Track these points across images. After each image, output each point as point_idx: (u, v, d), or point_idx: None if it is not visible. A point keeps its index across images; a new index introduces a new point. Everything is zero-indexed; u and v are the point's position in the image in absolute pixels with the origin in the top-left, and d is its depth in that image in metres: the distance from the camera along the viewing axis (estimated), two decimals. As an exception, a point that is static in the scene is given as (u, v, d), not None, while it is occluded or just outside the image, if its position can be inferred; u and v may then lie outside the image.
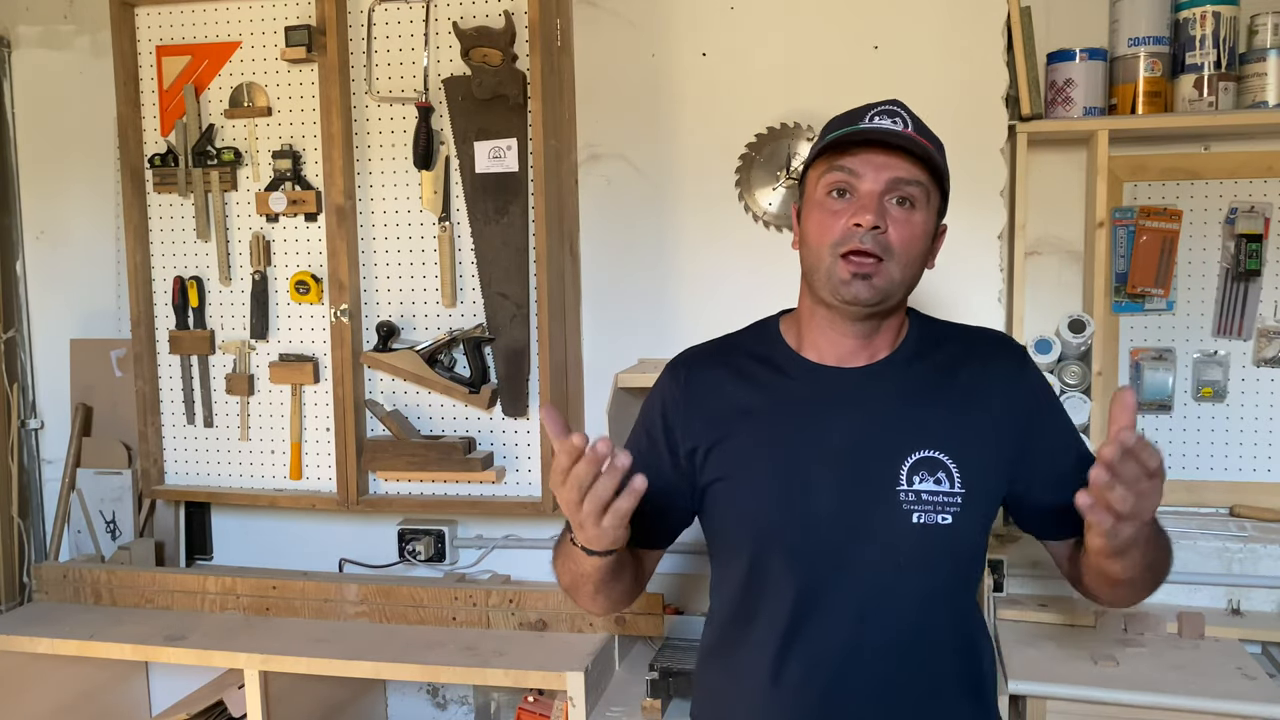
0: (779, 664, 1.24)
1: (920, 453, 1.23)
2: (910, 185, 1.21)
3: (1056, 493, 1.22)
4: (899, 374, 1.29)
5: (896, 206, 1.21)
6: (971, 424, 1.26)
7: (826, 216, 1.22)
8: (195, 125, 2.28)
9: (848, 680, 1.22)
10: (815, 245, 1.24)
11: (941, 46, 2.06)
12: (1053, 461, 1.28)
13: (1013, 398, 1.29)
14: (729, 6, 2.15)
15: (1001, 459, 1.26)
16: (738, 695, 1.29)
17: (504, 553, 2.37)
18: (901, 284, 1.24)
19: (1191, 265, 2.18)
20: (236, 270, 2.31)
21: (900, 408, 1.26)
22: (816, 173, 1.26)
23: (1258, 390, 2.17)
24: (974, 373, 1.29)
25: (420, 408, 2.24)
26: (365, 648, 2.01)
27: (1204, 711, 1.70)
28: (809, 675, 1.23)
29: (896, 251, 1.21)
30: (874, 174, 1.20)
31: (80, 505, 2.51)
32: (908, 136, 1.21)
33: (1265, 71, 2.03)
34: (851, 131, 1.21)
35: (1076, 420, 2.06)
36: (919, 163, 1.21)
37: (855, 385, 1.28)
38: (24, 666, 2.21)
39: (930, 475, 1.22)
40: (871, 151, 1.21)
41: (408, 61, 2.17)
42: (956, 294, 2.09)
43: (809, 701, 1.23)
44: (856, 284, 1.20)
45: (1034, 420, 1.29)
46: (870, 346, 1.29)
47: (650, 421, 1.36)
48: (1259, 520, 2.11)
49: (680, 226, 2.21)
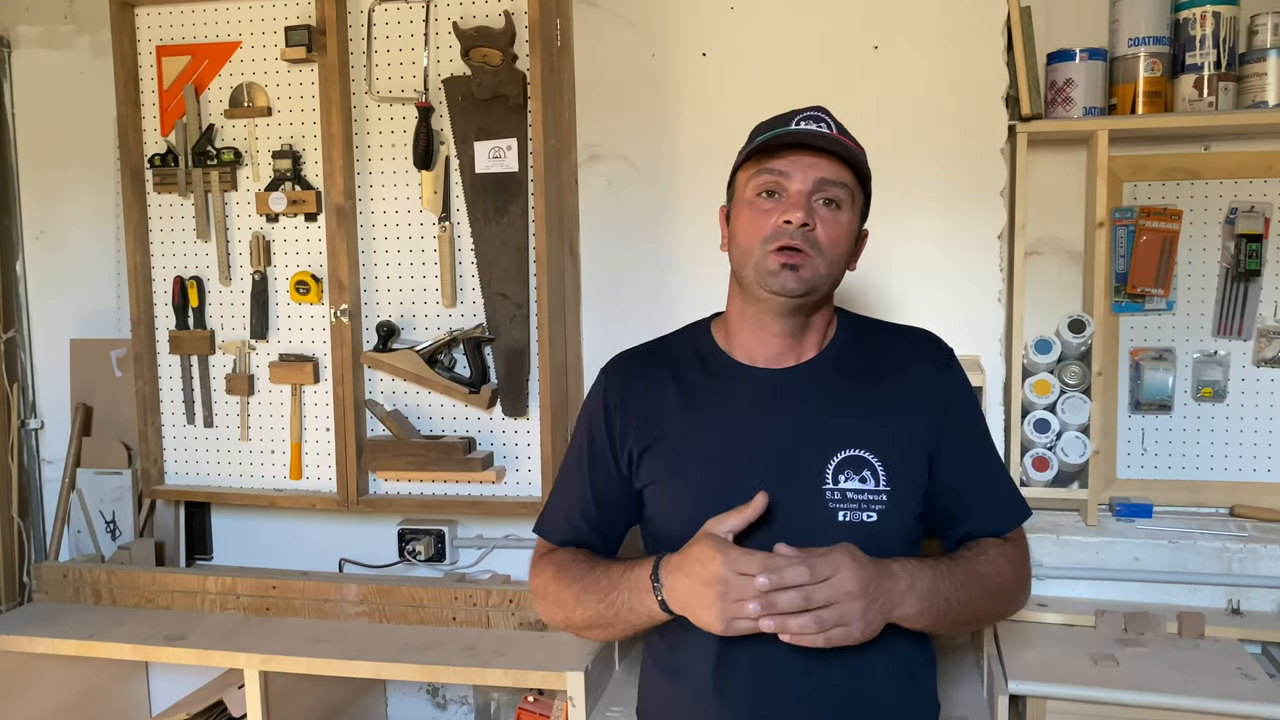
0: (718, 664, 1.27)
1: (845, 452, 1.27)
2: (836, 186, 1.26)
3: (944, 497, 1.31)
4: (826, 374, 1.33)
5: (824, 207, 1.26)
6: (896, 422, 1.30)
7: (757, 215, 1.27)
8: (195, 125, 2.28)
9: (785, 676, 1.25)
10: (745, 242, 1.28)
11: (941, 46, 2.06)
12: (952, 470, 1.32)
13: (934, 397, 1.33)
14: (729, 6, 2.15)
15: (923, 456, 1.30)
16: (680, 695, 1.33)
17: (504, 553, 2.37)
18: (827, 278, 1.28)
19: (1191, 265, 2.18)
20: (236, 270, 2.31)
21: (827, 408, 1.30)
22: (746, 174, 1.30)
23: (1258, 390, 2.16)
24: (900, 372, 1.34)
25: (420, 408, 2.24)
26: (365, 648, 2.01)
27: (1204, 711, 1.70)
28: (750, 674, 1.26)
29: (824, 248, 1.26)
30: (802, 175, 1.25)
31: (80, 505, 2.51)
32: (834, 139, 1.25)
33: (1265, 71, 2.03)
34: (781, 134, 1.25)
35: (1076, 420, 2.07)
36: (844, 165, 1.26)
37: (783, 386, 1.32)
38: (24, 666, 2.21)
39: (855, 474, 1.26)
40: (799, 154, 1.25)
41: (408, 61, 2.17)
42: (957, 294, 2.09)
43: (751, 700, 1.26)
44: (785, 274, 1.24)
45: (949, 423, 1.33)
46: (798, 347, 1.33)
47: (593, 426, 1.40)
48: (1259, 520, 2.11)
49: (680, 226, 2.21)
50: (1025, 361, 2.12)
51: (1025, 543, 1.39)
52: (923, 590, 1.21)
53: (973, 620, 1.32)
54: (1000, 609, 1.35)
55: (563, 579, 1.35)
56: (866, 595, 1.15)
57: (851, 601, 1.14)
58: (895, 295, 2.10)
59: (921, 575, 1.22)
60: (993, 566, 1.30)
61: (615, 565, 1.32)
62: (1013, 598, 1.34)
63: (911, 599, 1.19)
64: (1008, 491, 1.39)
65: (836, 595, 1.14)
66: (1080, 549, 2.08)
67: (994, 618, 1.38)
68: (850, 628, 1.14)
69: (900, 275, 2.10)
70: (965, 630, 1.37)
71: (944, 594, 1.23)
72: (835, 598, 1.14)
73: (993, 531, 1.36)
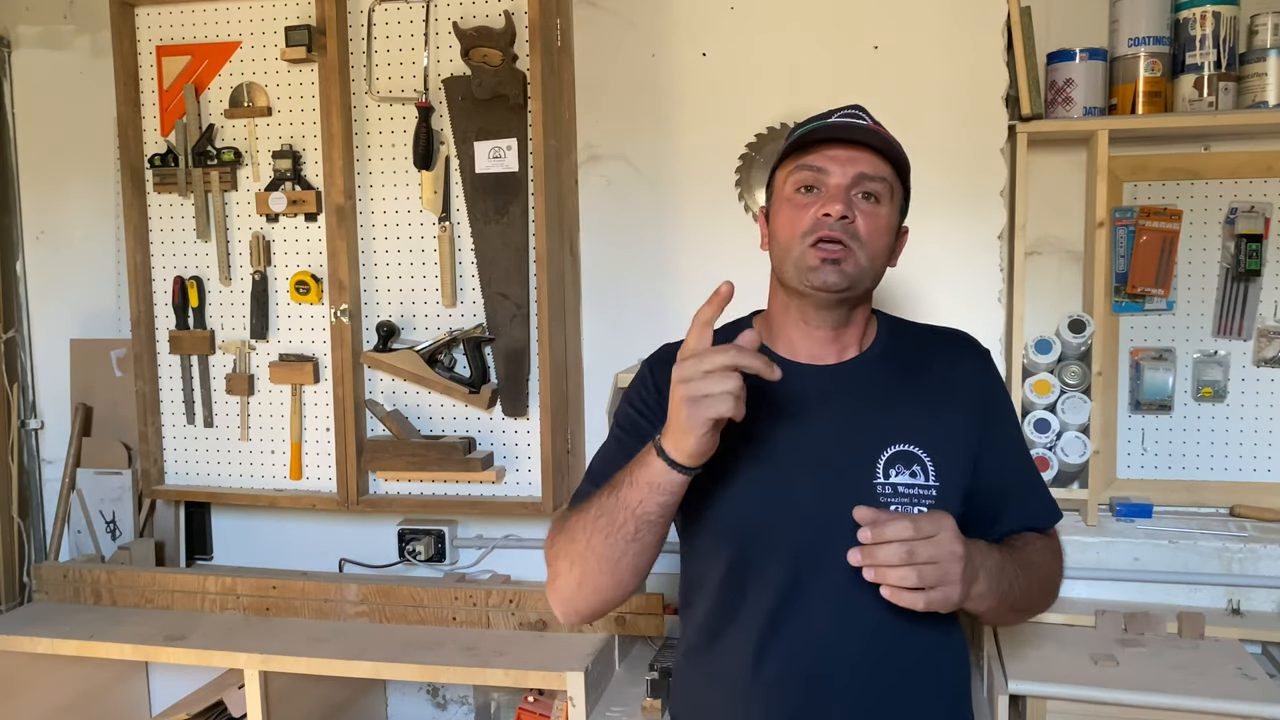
0: (759, 659, 1.25)
1: (896, 446, 1.26)
2: (875, 181, 1.25)
3: (988, 495, 1.30)
4: (871, 371, 1.32)
5: (863, 200, 1.25)
6: (942, 419, 1.29)
7: (796, 211, 1.26)
8: (195, 125, 2.28)
9: (828, 672, 1.24)
10: (785, 238, 1.28)
11: (941, 46, 2.06)
12: (994, 468, 1.32)
13: (976, 396, 1.33)
14: (729, 6, 2.15)
15: (968, 453, 1.30)
16: (718, 691, 1.31)
17: (504, 553, 2.37)
18: (869, 273, 1.27)
19: (1191, 265, 2.18)
20: (236, 270, 2.31)
21: (874, 403, 1.30)
22: (784, 172, 1.30)
23: (1258, 390, 2.17)
24: (943, 370, 1.34)
25: (420, 408, 2.24)
26: (365, 648, 2.01)
27: (1204, 711, 1.70)
28: (790, 668, 1.24)
29: (864, 240, 1.25)
30: (840, 169, 1.24)
31: (80, 505, 2.51)
32: (872, 130, 1.25)
33: (1265, 71, 2.03)
34: (819, 127, 1.25)
35: (1076, 420, 2.07)
36: (883, 159, 1.26)
37: (830, 382, 1.31)
38: (24, 666, 2.21)
39: (906, 468, 1.25)
40: (837, 148, 1.25)
41: (408, 61, 2.17)
42: (957, 294, 2.09)
43: (789, 694, 1.24)
44: (826, 269, 1.23)
45: (990, 422, 1.33)
46: (840, 342, 1.33)
47: (635, 413, 1.36)
48: (1259, 520, 2.11)
49: (680, 226, 2.21)
50: (1025, 361, 2.12)
51: (1060, 539, 1.40)
52: (993, 569, 1.19)
53: (1025, 607, 1.31)
54: (1045, 600, 1.34)
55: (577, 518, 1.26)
56: (966, 558, 1.13)
57: (955, 562, 1.11)
58: (895, 295, 2.10)
59: (990, 555, 1.20)
60: (1040, 557, 1.31)
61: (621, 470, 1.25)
62: (1055, 591, 1.35)
63: (984, 576, 1.17)
64: (1044, 489, 1.40)
65: (940, 554, 1.11)
66: (1080, 549, 2.08)
67: (1040, 608, 1.36)
68: (949, 589, 1.11)
69: (900, 275, 2.10)
70: (1015, 620, 1.35)
71: (1009, 576, 1.22)
72: (939, 556, 1.11)
73: (1035, 527, 1.36)
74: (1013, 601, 1.24)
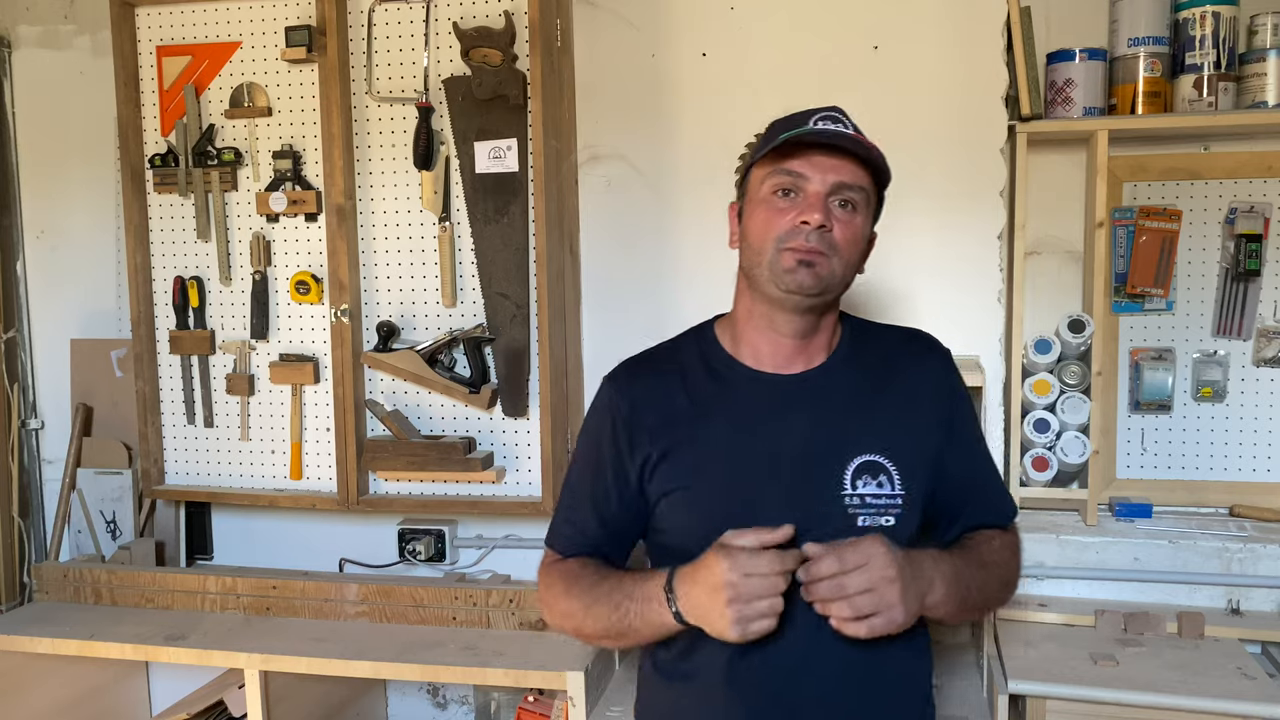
0: (731, 671, 1.26)
1: (862, 457, 1.26)
2: (853, 190, 1.24)
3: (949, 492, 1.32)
4: (837, 379, 1.32)
5: (839, 209, 1.25)
6: (906, 425, 1.30)
7: (772, 214, 1.25)
8: (195, 125, 2.28)
9: (801, 682, 1.25)
10: (758, 240, 1.26)
11: (941, 46, 2.07)
12: (956, 467, 1.33)
13: (939, 397, 1.34)
14: (729, 6, 2.15)
15: (932, 456, 1.31)
16: (687, 700, 1.32)
17: (504, 553, 2.37)
18: (841, 281, 1.27)
19: (1191, 265, 2.18)
20: (237, 270, 2.31)
21: (840, 413, 1.30)
22: (761, 172, 1.28)
23: (1257, 390, 2.17)
24: (904, 373, 1.34)
25: (420, 408, 2.24)
26: (365, 648, 2.01)
27: (1204, 711, 1.70)
28: (763, 680, 1.25)
29: (840, 249, 1.24)
30: (820, 176, 1.23)
31: (80, 505, 2.51)
32: (854, 139, 1.24)
33: (1265, 71, 2.03)
34: (801, 133, 1.23)
35: (1076, 420, 2.07)
36: (862, 167, 1.25)
37: (796, 392, 1.31)
38: (24, 666, 2.21)
39: (873, 479, 1.26)
40: (817, 154, 1.24)
41: (408, 61, 2.17)
42: (957, 294, 2.09)
43: (763, 704, 1.26)
44: (801, 271, 1.23)
45: (952, 422, 1.34)
46: (807, 350, 1.32)
47: (601, 437, 1.36)
48: (1259, 520, 2.12)
49: (680, 226, 2.21)
50: (1025, 361, 2.12)
51: (1018, 533, 1.42)
52: (948, 575, 1.21)
53: (983, 606, 1.34)
54: (1004, 595, 1.36)
55: (573, 591, 1.32)
56: (902, 579, 1.14)
57: (889, 586, 1.13)
58: (895, 295, 2.10)
59: (944, 561, 1.22)
60: (998, 555, 1.32)
61: (626, 576, 1.30)
62: (1014, 586, 1.37)
63: (940, 584, 1.19)
64: (1000, 485, 1.42)
65: (872, 581, 1.13)
66: (1080, 549, 2.08)
67: (998, 604, 1.39)
68: (891, 613, 1.14)
69: (900, 275, 2.10)
70: (974, 617, 1.38)
71: (965, 580, 1.24)
72: (871, 584, 1.13)
73: (994, 523, 1.37)
74: (972, 603, 1.26)
